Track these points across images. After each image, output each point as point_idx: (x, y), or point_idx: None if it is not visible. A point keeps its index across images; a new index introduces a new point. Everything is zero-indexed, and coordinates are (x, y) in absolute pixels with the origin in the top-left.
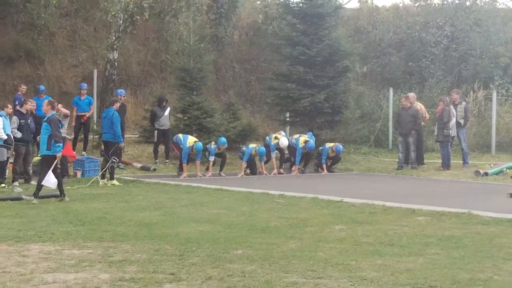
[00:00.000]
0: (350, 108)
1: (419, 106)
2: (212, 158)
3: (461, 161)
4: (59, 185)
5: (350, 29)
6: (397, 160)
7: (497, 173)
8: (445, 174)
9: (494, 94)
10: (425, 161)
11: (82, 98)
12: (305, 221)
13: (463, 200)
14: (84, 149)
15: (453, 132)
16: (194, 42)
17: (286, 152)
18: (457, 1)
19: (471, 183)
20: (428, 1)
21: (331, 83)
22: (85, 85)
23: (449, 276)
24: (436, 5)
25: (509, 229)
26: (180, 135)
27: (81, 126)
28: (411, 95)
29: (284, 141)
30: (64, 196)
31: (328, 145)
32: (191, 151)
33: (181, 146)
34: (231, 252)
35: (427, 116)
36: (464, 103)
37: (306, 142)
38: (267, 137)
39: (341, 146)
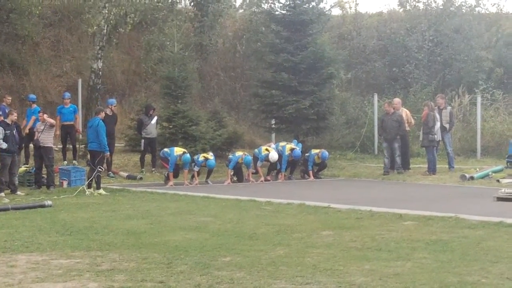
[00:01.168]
0: (335, 114)
1: (405, 111)
2: (197, 169)
3: (447, 166)
4: None
5: (334, 35)
6: (382, 165)
7: (482, 177)
8: (431, 179)
9: (479, 99)
10: (411, 166)
11: (66, 106)
12: (292, 228)
13: (449, 204)
14: (74, 158)
15: (438, 136)
16: (179, 50)
17: None
18: (441, 7)
19: (457, 187)
20: (413, 6)
21: (315, 89)
22: (68, 94)
23: (437, 280)
24: (420, 10)
25: (496, 233)
26: (166, 149)
27: (67, 135)
28: (396, 100)
29: (274, 156)
30: None
31: (314, 151)
32: (179, 161)
33: (169, 158)
34: (219, 260)
35: (413, 121)
36: (449, 107)
37: (292, 150)
38: (256, 150)
39: (326, 152)
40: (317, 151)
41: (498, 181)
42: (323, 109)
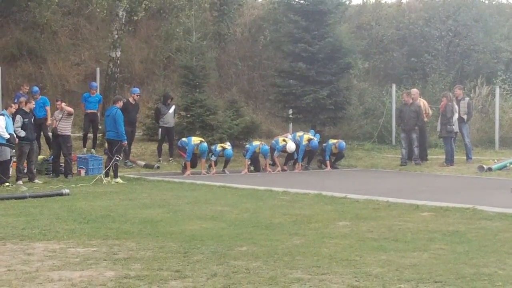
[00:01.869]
0: (353, 105)
1: (422, 102)
2: (214, 158)
3: (465, 157)
4: None
5: (353, 25)
6: (400, 156)
7: (500, 168)
8: (449, 170)
9: (497, 90)
10: (428, 157)
11: (93, 95)
12: (309, 218)
13: (467, 195)
14: (93, 146)
15: (455, 127)
16: (197, 39)
17: None
18: None
19: (475, 178)
20: None
21: (333, 79)
22: (95, 85)
23: (454, 271)
24: (438, 0)
25: None
26: (184, 139)
27: (90, 123)
28: (414, 91)
29: (291, 146)
30: None
31: (331, 141)
32: (196, 150)
33: (186, 147)
34: (236, 249)
35: (430, 112)
36: (467, 98)
37: (309, 140)
38: (273, 141)
39: (343, 143)
40: (334, 141)
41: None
42: (340, 99)
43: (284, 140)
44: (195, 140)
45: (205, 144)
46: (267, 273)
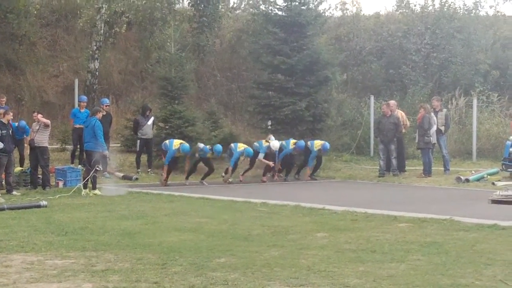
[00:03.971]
0: (331, 116)
1: (400, 113)
2: (208, 151)
3: (442, 168)
4: None
5: (331, 37)
6: (378, 167)
7: (478, 179)
8: (427, 181)
9: (475, 101)
10: (406, 168)
11: (82, 111)
12: (287, 229)
13: (444, 206)
14: (80, 162)
15: (433, 139)
16: (176, 51)
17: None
18: (437, 9)
19: (452, 189)
20: (410, 9)
21: (312, 91)
22: (84, 98)
23: (431, 282)
24: (417, 12)
25: (490, 235)
26: (166, 141)
27: (79, 138)
28: (392, 102)
29: (275, 144)
30: None
31: (316, 144)
32: (178, 153)
33: (167, 150)
34: (214, 261)
35: (408, 123)
36: (444, 110)
37: (295, 143)
38: (256, 143)
39: (328, 144)
40: (318, 144)
41: (493, 183)
42: (319, 111)
43: (266, 141)
44: (176, 144)
45: (186, 145)
46: (245, 285)
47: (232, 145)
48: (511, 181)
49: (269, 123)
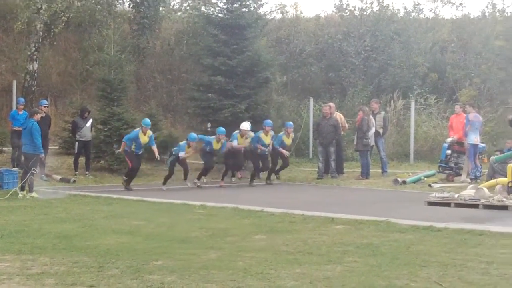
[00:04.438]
0: (271, 118)
1: (338, 115)
2: (182, 154)
3: (380, 170)
4: None
5: (272, 39)
6: (317, 169)
7: (415, 181)
8: (364, 183)
9: (413, 104)
10: (345, 170)
11: (20, 113)
12: (225, 231)
13: (381, 208)
14: (13, 163)
15: (372, 141)
16: (115, 53)
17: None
18: (377, 12)
19: (389, 191)
20: (350, 11)
21: (252, 93)
22: (22, 100)
23: (366, 284)
24: (357, 15)
25: (426, 237)
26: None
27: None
28: (331, 104)
29: (245, 124)
30: None
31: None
32: (143, 137)
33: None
34: (151, 263)
35: (346, 125)
36: (383, 112)
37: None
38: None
39: (290, 122)
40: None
41: (430, 185)
42: (259, 113)
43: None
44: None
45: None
46: (182, 287)
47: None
48: (447, 183)
49: (209, 125)
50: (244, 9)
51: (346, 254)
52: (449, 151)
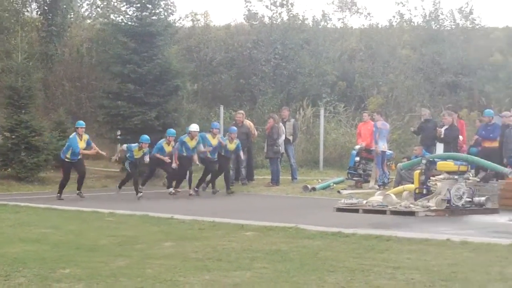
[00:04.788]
0: (181, 126)
1: (248, 123)
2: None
3: (290, 177)
4: None
5: (182, 47)
6: None
7: (324, 188)
8: (274, 190)
9: (322, 111)
10: (255, 177)
11: None
12: (134, 239)
13: (291, 214)
14: None
15: (282, 148)
16: (23, 60)
17: None
18: (286, 21)
19: (299, 198)
20: (260, 20)
21: (162, 101)
22: None
23: None
24: (267, 24)
25: (334, 243)
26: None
27: None
28: (242, 112)
29: (193, 126)
30: None
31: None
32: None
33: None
34: (58, 272)
35: (256, 133)
36: (292, 120)
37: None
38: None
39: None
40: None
41: (339, 192)
42: (169, 121)
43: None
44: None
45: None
46: None
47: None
48: (356, 190)
49: (119, 132)
50: (153, 17)
51: (255, 260)
52: (357, 158)
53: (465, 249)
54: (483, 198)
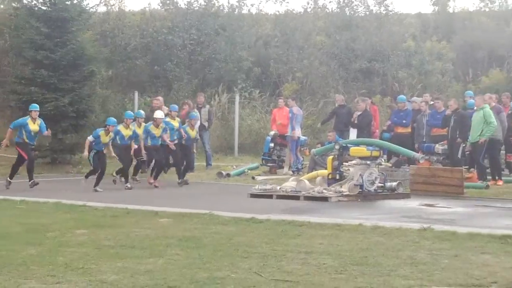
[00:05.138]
0: (95, 112)
1: (166, 109)
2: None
3: (205, 163)
4: None
5: (97, 33)
6: None
7: (239, 174)
8: (189, 176)
9: (237, 97)
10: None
11: None
12: (46, 226)
13: (205, 201)
14: None
15: (197, 134)
16: None
17: None
18: (202, 6)
19: (213, 184)
20: (175, 6)
21: (76, 87)
22: None
23: (188, 276)
24: (182, 9)
25: (247, 228)
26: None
27: None
28: (160, 98)
29: (158, 113)
30: None
31: None
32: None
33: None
34: None
35: None
36: (207, 106)
37: None
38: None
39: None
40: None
41: (253, 178)
42: (83, 107)
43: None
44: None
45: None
46: (0, 284)
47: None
48: (270, 176)
49: None
50: (67, 2)
51: (168, 247)
52: (272, 144)
53: (377, 233)
54: (394, 183)
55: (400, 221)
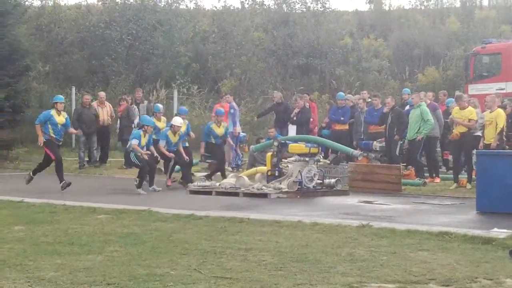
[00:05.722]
0: (32, 107)
1: (108, 105)
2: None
3: None
4: None
5: (32, 27)
6: (78, 159)
7: (178, 171)
8: (127, 172)
9: (175, 93)
10: (109, 159)
11: None
12: None
13: (144, 197)
14: None
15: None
16: None
17: None
18: (139, 1)
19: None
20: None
21: (11, 81)
22: None
23: (127, 273)
24: (119, 4)
25: (187, 225)
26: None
27: None
28: (102, 94)
29: (176, 119)
30: None
31: None
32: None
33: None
34: None
35: (114, 115)
36: (146, 101)
37: None
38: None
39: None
40: None
41: (193, 174)
42: (19, 102)
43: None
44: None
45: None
46: None
47: None
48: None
49: None
50: None
51: (107, 243)
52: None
53: (316, 230)
54: (333, 180)
55: (339, 218)
